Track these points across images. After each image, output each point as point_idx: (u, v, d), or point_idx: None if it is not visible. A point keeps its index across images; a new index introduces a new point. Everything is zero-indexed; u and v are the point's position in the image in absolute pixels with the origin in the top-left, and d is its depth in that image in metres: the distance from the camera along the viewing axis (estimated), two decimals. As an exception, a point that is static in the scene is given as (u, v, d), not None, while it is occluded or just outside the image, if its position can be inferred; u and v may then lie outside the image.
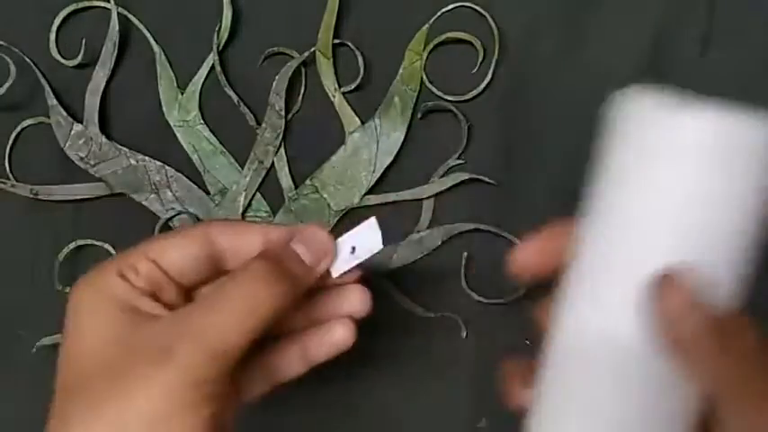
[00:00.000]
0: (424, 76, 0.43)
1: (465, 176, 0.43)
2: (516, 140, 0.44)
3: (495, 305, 0.43)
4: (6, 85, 0.41)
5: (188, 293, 0.29)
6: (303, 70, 0.43)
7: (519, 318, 0.44)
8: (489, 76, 0.43)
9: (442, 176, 0.44)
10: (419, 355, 0.44)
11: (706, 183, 0.24)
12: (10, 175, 0.43)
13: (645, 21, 0.43)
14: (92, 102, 0.42)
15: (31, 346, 0.43)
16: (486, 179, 0.43)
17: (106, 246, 0.43)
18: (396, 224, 0.44)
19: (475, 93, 0.43)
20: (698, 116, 0.25)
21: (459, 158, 0.43)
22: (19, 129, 0.43)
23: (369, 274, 0.34)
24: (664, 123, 0.25)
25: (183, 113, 0.43)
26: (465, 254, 0.43)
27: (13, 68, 0.41)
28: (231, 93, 0.43)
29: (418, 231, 0.44)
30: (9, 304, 0.44)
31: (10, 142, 0.43)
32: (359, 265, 0.33)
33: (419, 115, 0.43)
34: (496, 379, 0.39)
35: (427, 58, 0.43)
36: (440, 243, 0.44)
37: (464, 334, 0.44)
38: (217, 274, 0.30)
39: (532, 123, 0.44)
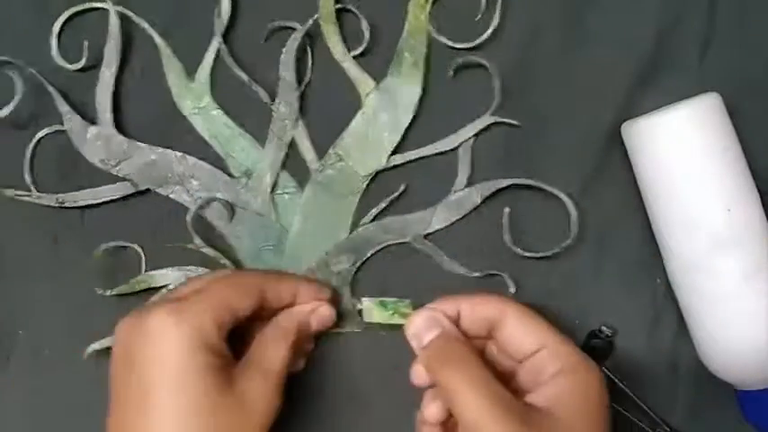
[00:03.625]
0: (430, 27, 0.43)
1: (490, 120, 0.42)
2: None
3: (541, 259, 0.43)
4: (17, 98, 0.41)
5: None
6: (308, 41, 0.43)
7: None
8: (496, 19, 0.42)
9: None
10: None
11: None
12: (32, 187, 0.42)
13: (645, 21, 0.44)
14: (103, 102, 0.42)
15: (32, 345, 0.42)
16: (511, 121, 0.42)
17: (135, 247, 0.43)
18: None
19: (485, 37, 0.42)
20: None
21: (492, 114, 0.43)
22: (35, 140, 0.42)
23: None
24: None
25: (195, 101, 0.43)
26: (507, 210, 0.42)
27: (20, 83, 0.41)
28: (241, 73, 0.42)
29: (455, 191, 0.43)
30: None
31: (28, 154, 0.42)
32: None
33: (450, 73, 0.43)
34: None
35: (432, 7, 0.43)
36: (479, 201, 0.43)
37: (512, 289, 0.43)
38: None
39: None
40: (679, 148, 0.39)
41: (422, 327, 0.36)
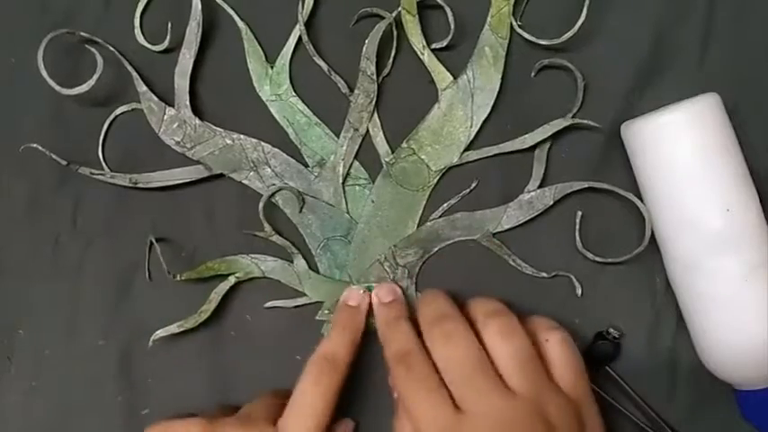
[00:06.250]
0: (513, 22, 0.42)
1: (568, 122, 0.42)
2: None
3: (612, 264, 0.42)
4: (96, 75, 0.41)
5: None
6: (394, 32, 0.42)
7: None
8: (583, 15, 0.41)
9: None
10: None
11: None
12: (104, 166, 0.42)
13: (645, 21, 0.43)
14: (181, 84, 0.42)
15: (32, 345, 0.42)
16: (592, 123, 0.42)
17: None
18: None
19: (570, 34, 0.41)
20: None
21: (573, 117, 0.42)
22: (112, 117, 0.42)
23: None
24: None
25: (274, 87, 0.43)
26: (579, 213, 0.42)
27: (100, 60, 0.41)
28: (321, 62, 0.42)
29: (528, 191, 0.42)
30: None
31: (103, 132, 0.42)
32: None
33: (533, 74, 0.42)
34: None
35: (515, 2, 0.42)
36: (552, 203, 0.42)
37: (579, 292, 0.43)
38: None
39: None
40: (679, 148, 0.39)
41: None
